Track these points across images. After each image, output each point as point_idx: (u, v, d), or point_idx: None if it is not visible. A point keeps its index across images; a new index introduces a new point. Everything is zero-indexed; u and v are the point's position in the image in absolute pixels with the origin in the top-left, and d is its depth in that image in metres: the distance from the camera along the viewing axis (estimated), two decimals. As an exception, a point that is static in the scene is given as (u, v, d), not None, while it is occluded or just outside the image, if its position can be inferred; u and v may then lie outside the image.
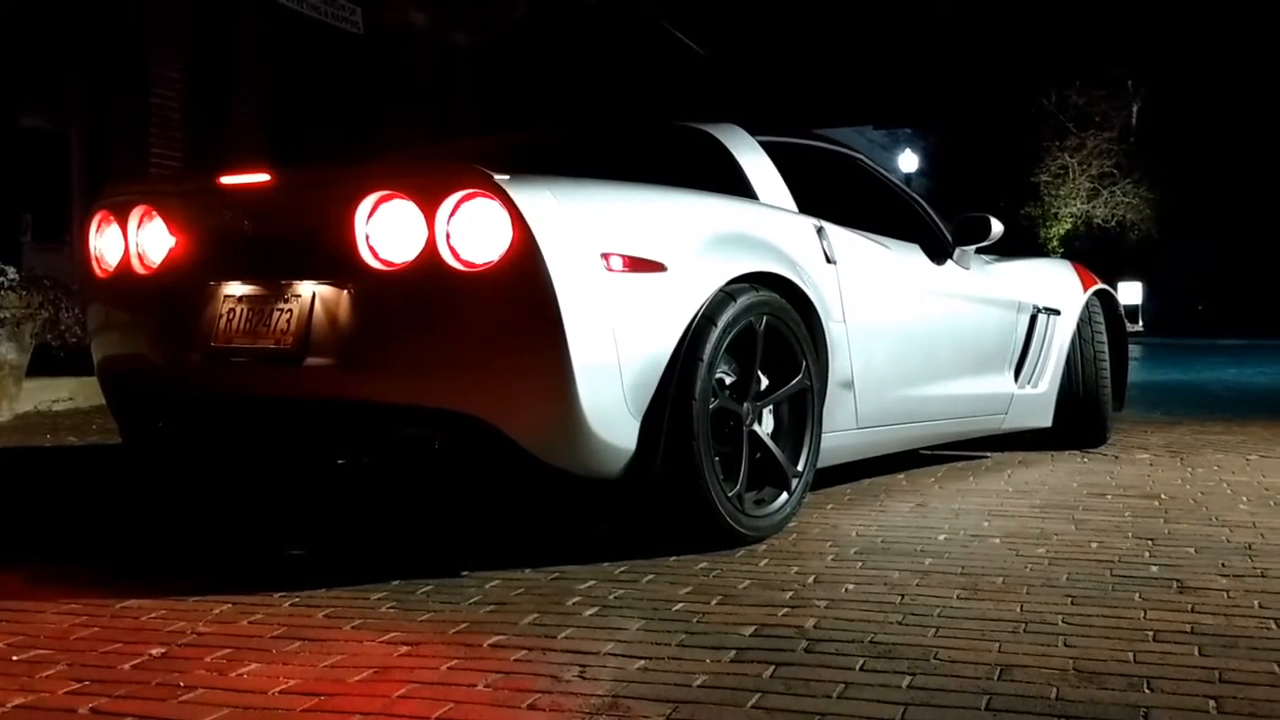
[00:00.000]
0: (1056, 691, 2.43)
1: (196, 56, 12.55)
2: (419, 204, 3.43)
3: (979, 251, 5.58)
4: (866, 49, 34.84)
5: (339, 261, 3.55)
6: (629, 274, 3.55)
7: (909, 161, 36.14)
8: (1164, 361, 17.89)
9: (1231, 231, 40.18)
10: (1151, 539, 3.95)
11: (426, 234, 3.42)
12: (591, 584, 3.35)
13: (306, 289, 3.64)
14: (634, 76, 20.32)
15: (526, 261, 3.34)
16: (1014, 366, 5.77)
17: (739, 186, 4.45)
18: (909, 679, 2.51)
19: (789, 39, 32.75)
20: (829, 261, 4.41)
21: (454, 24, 16.36)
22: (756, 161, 4.58)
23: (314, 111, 14.44)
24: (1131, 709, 2.33)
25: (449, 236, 3.39)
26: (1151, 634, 2.84)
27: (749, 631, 2.88)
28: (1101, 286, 6.36)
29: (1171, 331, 33.54)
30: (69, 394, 8.43)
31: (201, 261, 3.92)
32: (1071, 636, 2.82)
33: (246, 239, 3.81)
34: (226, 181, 3.89)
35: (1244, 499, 4.71)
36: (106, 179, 7.96)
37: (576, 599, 3.18)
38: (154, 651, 2.74)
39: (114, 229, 4.10)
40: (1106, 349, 6.27)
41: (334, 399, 3.62)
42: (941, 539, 3.96)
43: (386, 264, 3.49)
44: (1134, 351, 12.75)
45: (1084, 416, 6.18)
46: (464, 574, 3.47)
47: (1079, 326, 6.11)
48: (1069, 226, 37.31)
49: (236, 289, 3.81)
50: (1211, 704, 2.36)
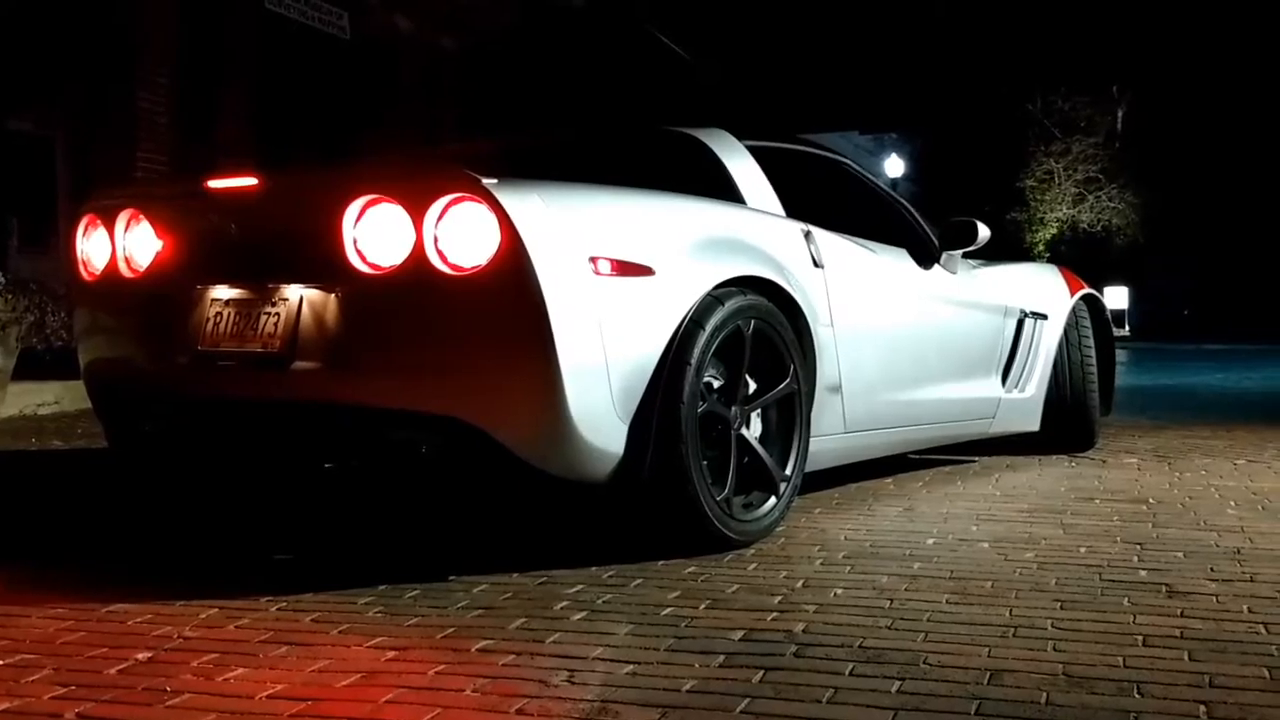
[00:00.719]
0: (1046, 696, 2.43)
1: (184, 60, 12.54)
2: (406, 208, 3.42)
3: (966, 256, 5.58)
4: (853, 54, 34.89)
5: (326, 265, 3.54)
6: (617, 278, 3.54)
7: (895, 166, 36.20)
8: (1150, 366, 17.92)
9: (1217, 237, 40.33)
10: (1140, 543, 3.95)
11: (414, 238, 3.41)
12: (579, 588, 3.34)
13: (294, 293, 3.62)
14: (622, 82, 20.31)
15: (514, 265, 3.33)
16: (1001, 371, 5.77)
17: (727, 191, 4.44)
18: (898, 684, 2.50)
19: (776, 44, 32.80)
20: (816, 265, 4.40)
21: (441, 29, 16.36)
22: (744, 166, 4.57)
23: (301, 116, 14.42)
24: (1121, 714, 2.33)
25: (437, 240, 3.38)
26: (1141, 639, 2.84)
27: (738, 636, 2.87)
28: (1088, 291, 6.37)
29: (1158, 336, 33.66)
30: (54, 398, 8.40)
31: (188, 265, 3.90)
32: (1061, 641, 2.81)
33: (233, 242, 3.79)
34: (213, 185, 3.88)
35: (1232, 503, 4.72)
36: (93, 183, 7.95)
37: (564, 603, 3.17)
38: (140, 656, 2.73)
39: (101, 232, 4.08)
40: (1094, 353, 6.28)
41: (321, 403, 3.60)
42: (930, 543, 3.96)
43: (374, 268, 3.48)
44: (1120, 356, 12.77)
45: (1071, 421, 6.19)
46: (451, 578, 3.45)
47: (1066, 331, 6.11)
48: (1055, 231, 37.38)
49: (223, 292, 3.79)
50: (1202, 709, 2.36)
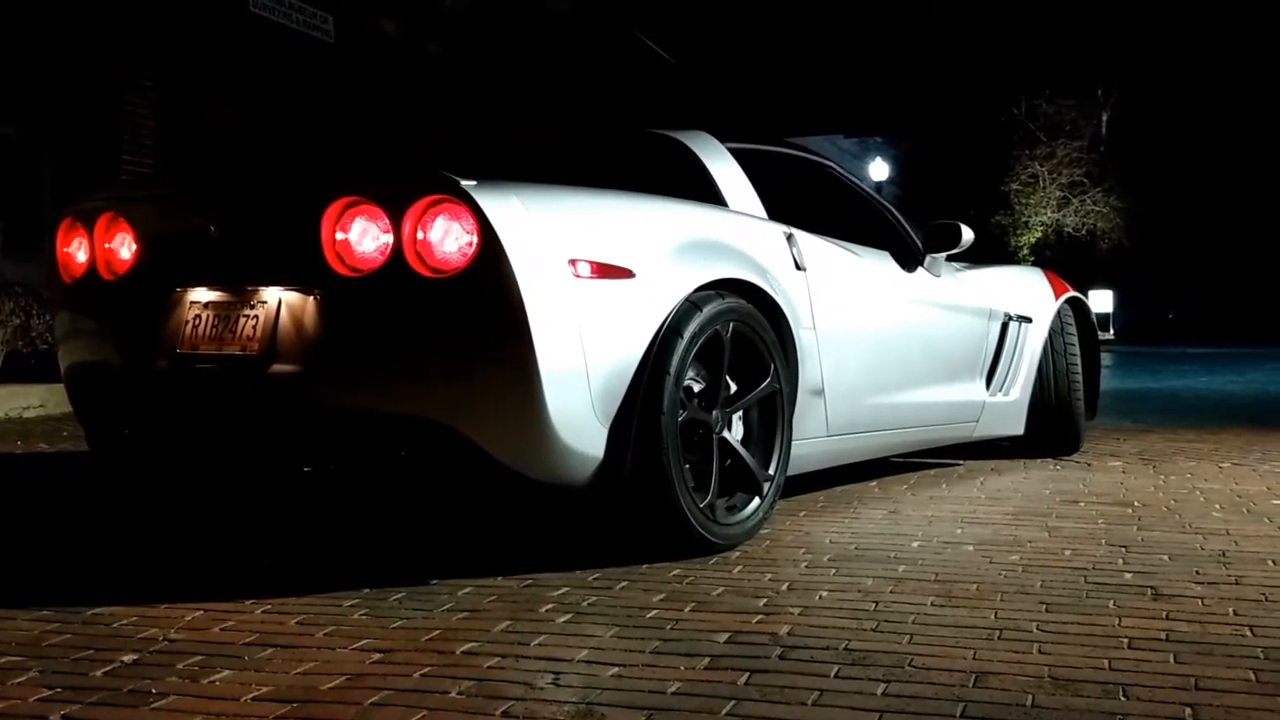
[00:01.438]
0: (1031, 699, 2.42)
1: (168, 64, 12.51)
2: (385, 210, 3.41)
3: (950, 259, 5.58)
4: (838, 57, 34.92)
5: (305, 267, 3.52)
6: (596, 280, 3.53)
7: (880, 170, 36.30)
8: (1135, 369, 17.97)
9: (1202, 240, 40.47)
10: (1125, 546, 3.95)
11: (393, 240, 3.39)
12: (564, 590, 3.32)
13: (272, 295, 3.60)
14: (605, 84, 20.30)
15: (493, 267, 3.31)
16: (986, 374, 5.76)
17: (708, 193, 4.43)
18: (883, 686, 2.50)
19: (760, 46, 32.80)
20: (799, 268, 4.39)
21: (425, 32, 16.35)
22: (726, 169, 4.56)
23: (285, 118, 14.40)
24: (1107, 716, 2.32)
25: (416, 242, 3.36)
26: (1126, 641, 2.83)
27: (723, 638, 2.86)
28: (1073, 294, 6.37)
29: (1142, 339, 33.76)
30: (40, 401, 8.38)
31: (167, 267, 3.89)
32: (1046, 644, 2.81)
33: (212, 245, 3.77)
34: (192, 187, 3.86)
35: (1217, 506, 4.72)
36: (79, 186, 7.93)
37: (549, 606, 3.16)
38: (126, 658, 2.71)
39: (80, 236, 4.06)
40: (1079, 357, 6.28)
41: (300, 406, 3.59)
42: (915, 546, 3.95)
43: (353, 270, 3.46)
44: (1105, 359, 12.80)
45: (1056, 424, 6.19)
46: (435, 581, 3.44)
47: (1051, 334, 6.11)
48: (1039, 235, 37.52)
49: (203, 295, 3.77)
50: (1187, 711, 2.35)
